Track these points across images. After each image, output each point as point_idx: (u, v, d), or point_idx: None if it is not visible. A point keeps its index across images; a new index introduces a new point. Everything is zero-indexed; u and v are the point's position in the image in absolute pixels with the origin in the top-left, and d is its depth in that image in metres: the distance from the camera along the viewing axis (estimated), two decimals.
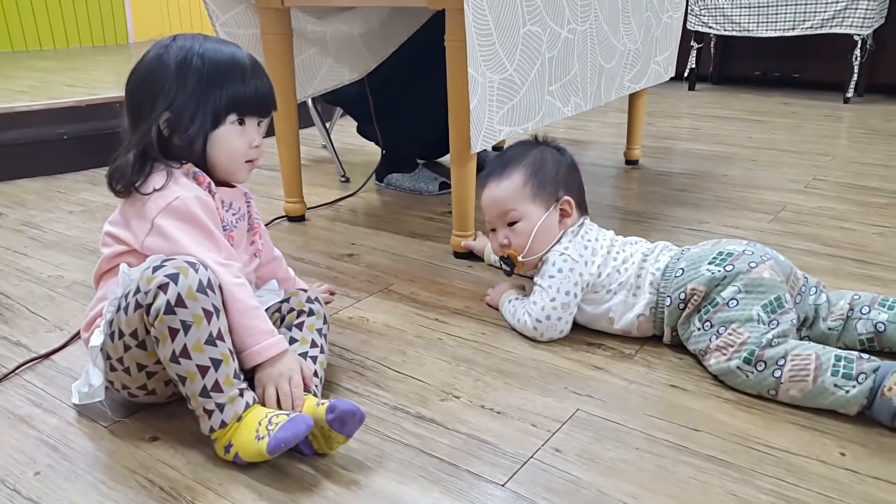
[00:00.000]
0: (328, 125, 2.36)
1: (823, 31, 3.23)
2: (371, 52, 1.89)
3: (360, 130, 2.19)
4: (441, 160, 2.30)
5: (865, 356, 0.92)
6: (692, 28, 3.58)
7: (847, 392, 0.90)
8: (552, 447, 0.87)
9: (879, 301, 1.06)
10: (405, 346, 1.13)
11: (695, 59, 3.72)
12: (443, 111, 1.39)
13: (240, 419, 0.83)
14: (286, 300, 1.03)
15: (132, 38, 4.80)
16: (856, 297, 1.07)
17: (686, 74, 3.74)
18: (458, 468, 0.84)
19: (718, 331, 1.00)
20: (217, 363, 0.83)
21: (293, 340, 0.98)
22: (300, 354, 0.96)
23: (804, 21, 3.26)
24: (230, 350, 0.85)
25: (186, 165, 0.94)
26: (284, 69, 1.59)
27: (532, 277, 1.19)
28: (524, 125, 1.50)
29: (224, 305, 0.86)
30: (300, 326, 1.00)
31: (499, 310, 1.22)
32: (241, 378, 0.86)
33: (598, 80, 1.77)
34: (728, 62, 3.88)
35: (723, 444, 0.87)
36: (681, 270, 1.07)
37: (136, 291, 0.83)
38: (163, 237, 0.89)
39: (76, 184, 2.15)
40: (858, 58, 3.24)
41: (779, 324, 0.98)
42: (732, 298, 1.01)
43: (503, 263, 1.22)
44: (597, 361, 1.07)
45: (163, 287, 0.81)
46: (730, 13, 3.43)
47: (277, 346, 0.89)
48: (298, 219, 1.75)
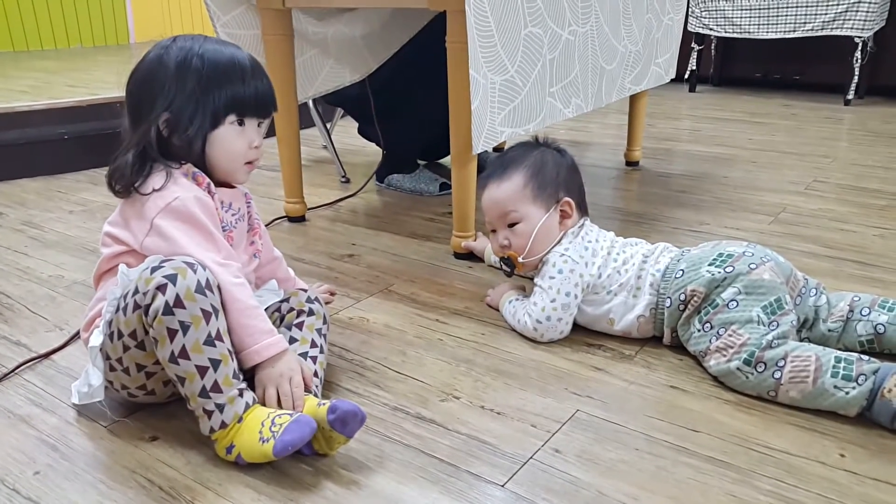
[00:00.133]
0: (329, 126, 2.36)
1: (824, 34, 3.23)
2: (372, 54, 1.89)
3: (361, 131, 2.19)
4: (442, 161, 2.30)
5: (865, 358, 0.92)
6: (693, 30, 3.58)
7: (847, 393, 0.90)
8: (552, 448, 0.87)
9: (879, 303, 1.06)
10: (405, 347, 1.13)
11: (695, 61, 3.73)
12: (444, 112, 1.39)
13: (241, 420, 0.83)
14: (286, 300, 1.03)
15: (133, 39, 4.81)
16: (856, 299, 1.07)
17: (687, 76, 3.75)
18: (458, 469, 0.84)
19: (718, 332, 1.00)
20: (216, 364, 0.83)
21: (293, 340, 0.98)
22: (300, 354, 0.96)
23: (805, 23, 3.26)
24: (229, 350, 0.85)
25: (186, 166, 0.94)
26: (285, 70, 1.59)
27: (532, 278, 1.19)
28: (525, 126, 1.50)
29: (223, 305, 0.86)
30: (300, 326, 1.00)
31: (499, 310, 1.22)
32: (241, 378, 0.86)
33: (599, 82, 1.77)
34: (729, 64, 3.88)
35: (722, 445, 0.87)
36: (681, 272, 1.07)
37: (135, 292, 0.83)
38: (162, 237, 0.89)
39: (77, 184, 2.15)
40: (859, 60, 3.24)
41: (779, 325, 0.98)
42: (732, 300, 1.01)
43: (503, 264, 1.22)
44: (597, 362, 1.07)
45: (161, 288, 0.81)
46: (731, 15, 3.44)
47: (277, 346, 0.89)
48: (299, 219, 1.75)
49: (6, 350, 1.13)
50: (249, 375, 0.89)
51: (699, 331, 1.03)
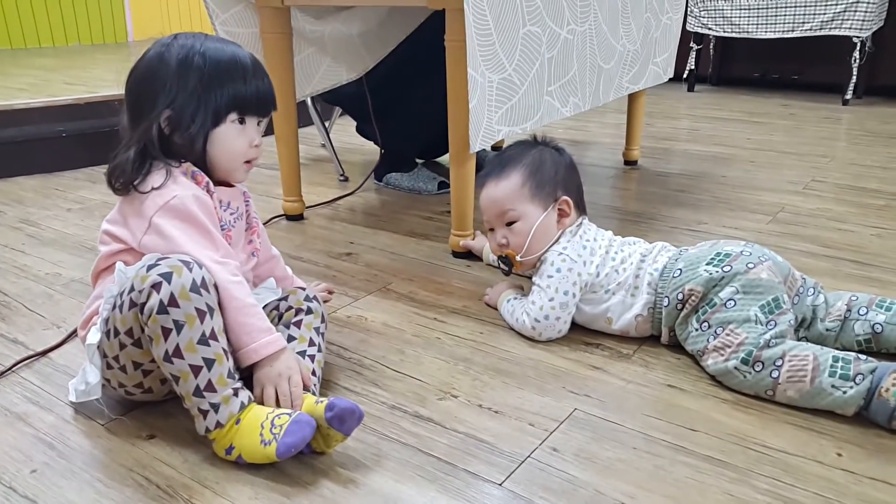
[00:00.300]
0: (327, 124, 2.35)
1: (822, 33, 3.24)
2: (369, 52, 1.89)
3: (359, 130, 2.19)
4: (440, 160, 2.30)
5: (863, 357, 0.92)
6: (691, 29, 3.58)
7: (844, 393, 0.90)
8: (550, 446, 0.87)
9: (877, 302, 1.06)
10: (403, 345, 1.13)
11: (694, 61, 3.73)
12: (442, 111, 1.39)
13: (238, 421, 0.83)
14: (284, 298, 1.03)
15: (131, 37, 4.80)
16: (853, 298, 1.08)
17: (685, 75, 3.75)
18: (456, 467, 0.84)
19: (716, 331, 1.00)
20: (210, 363, 0.82)
21: (291, 339, 0.98)
22: (298, 353, 0.96)
23: (803, 23, 3.26)
24: (224, 349, 0.84)
25: (185, 164, 0.94)
26: (284, 68, 1.59)
27: (530, 277, 1.19)
28: (523, 125, 1.50)
29: (220, 304, 0.86)
30: (298, 325, 1.00)
31: (497, 309, 1.22)
32: (236, 377, 0.85)
33: (597, 81, 1.77)
34: (727, 63, 3.88)
35: (720, 444, 0.87)
36: (679, 271, 1.07)
37: (131, 290, 0.83)
38: (160, 236, 0.88)
39: (74, 181, 2.15)
40: (857, 60, 3.25)
41: (776, 324, 0.98)
42: (730, 299, 1.01)
43: (501, 263, 1.22)
44: (595, 361, 1.07)
45: (156, 286, 0.81)
46: (729, 15, 3.44)
47: (275, 344, 0.89)
48: (297, 217, 1.75)
49: (3, 348, 1.13)
50: (247, 374, 0.89)
51: (697, 330, 1.03)
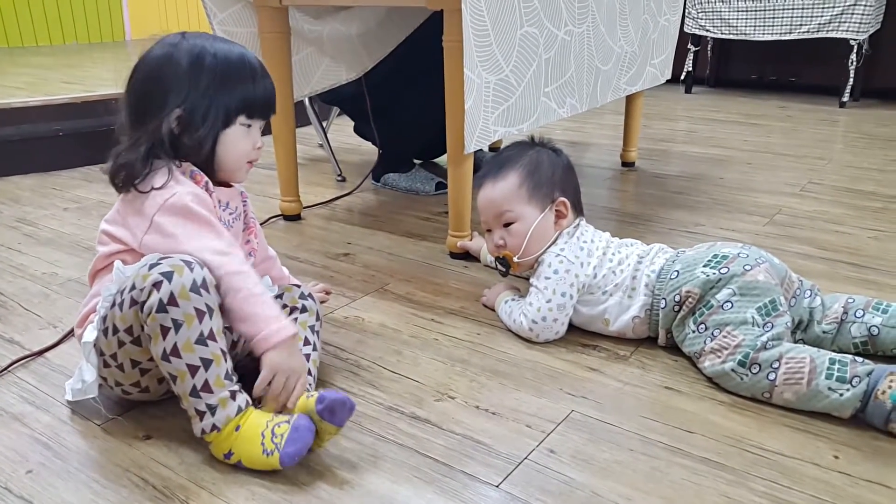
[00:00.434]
0: (325, 124, 2.35)
1: (820, 36, 3.24)
2: (368, 52, 1.89)
3: (357, 130, 2.18)
4: (438, 160, 2.30)
5: (859, 359, 0.92)
6: (689, 31, 3.59)
7: (841, 395, 0.90)
8: (547, 448, 0.87)
9: (874, 304, 1.06)
10: (401, 346, 1.12)
11: (691, 62, 3.73)
12: (440, 111, 1.39)
13: (238, 428, 0.82)
14: (279, 296, 1.03)
15: (129, 36, 4.80)
16: (850, 301, 1.08)
17: (683, 77, 3.75)
18: (453, 469, 0.84)
19: (713, 333, 1.00)
20: (207, 363, 0.82)
21: None
22: None
23: (801, 25, 3.27)
24: (223, 350, 0.84)
25: (185, 165, 0.93)
26: (282, 68, 1.59)
27: (528, 278, 1.19)
28: (519, 126, 1.50)
29: (228, 294, 0.85)
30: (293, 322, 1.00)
31: (495, 310, 1.22)
32: (234, 379, 0.85)
33: (595, 82, 1.77)
34: (725, 65, 3.88)
35: (717, 447, 0.87)
36: (676, 273, 1.07)
37: (132, 288, 0.83)
38: (162, 234, 0.88)
39: (71, 180, 2.14)
40: (854, 62, 3.25)
41: (773, 327, 0.98)
42: (727, 301, 1.01)
43: (499, 264, 1.22)
44: (592, 363, 1.07)
45: (157, 285, 0.81)
46: (727, 17, 3.44)
47: (285, 330, 0.86)
48: (294, 218, 1.75)
49: None
50: (245, 372, 0.89)
51: (694, 332, 1.03)
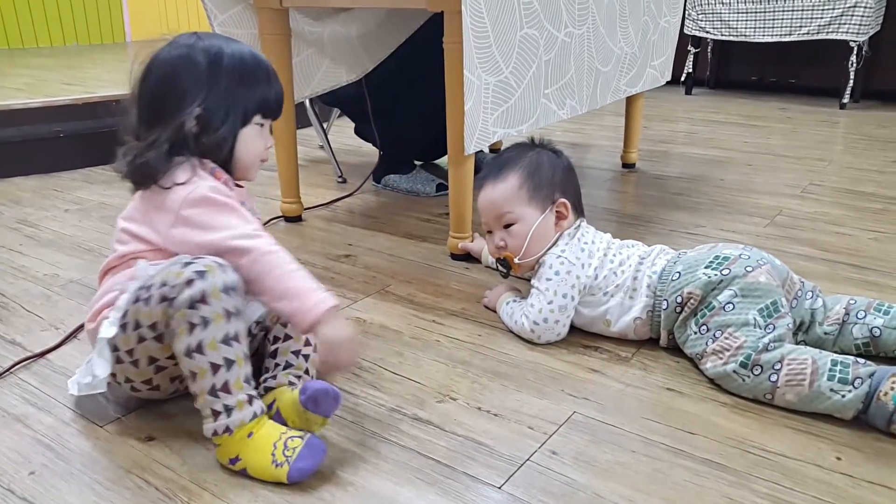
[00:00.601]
0: (325, 126, 2.35)
1: (820, 37, 3.24)
2: (368, 54, 1.89)
3: (358, 131, 2.18)
4: (438, 162, 2.30)
5: (861, 361, 0.92)
6: (689, 33, 3.59)
7: (843, 396, 0.90)
8: (549, 450, 0.87)
9: (875, 306, 1.06)
10: (402, 348, 1.12)
11: (692, 64, 3.73)
12: (440, 113, 1.39)
13: (251, 434, 0.82)
14: None
15: (129, 37, 4.79)
16: (851, 302, 1.08)
17: (683, 79, 3.75)
18: (455, 470, 0.84)
19: (715, 334, 1.00)
20: (230, 363, 0.83)
21: (288, 337, 0.98)
22: (293, 352, 0.97)
23: (801, 27, 3.27)
24: (244, 354, 0.84)
25: (206, 162, 0.95)
26: (283, 70, 1.59)
27: (529, 279, 1.19)
28: (519, 127, 1.50)
29: (263, 276, 0.86)
30: None
31: (496, 312, 1.22)
32: (252, 384, 0.86)
33: (594, 84, 1.77)
34: (725, 67, 3.89)
35: (719, 448, 0.87)
36: (677, 274, 1.07)
37: (162, 284, 0.83)
38: (190, 226, 0.89)
39: (72, 182, 2.14)
40: (854, 64, 3.25)
41: (775, 328, 0.98)
42: (729, 302, 1.01)
43: (499, 265, 1.22)
44: (593, 364, 1.07)
45: (190, 282, 0.81)
46: (727, 18, 3.45)
47: (325, 303, 0.86)
48: (295, 219, 1.75)
49: (1, 349, 1.12)
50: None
51: (696, 333, 1.03)
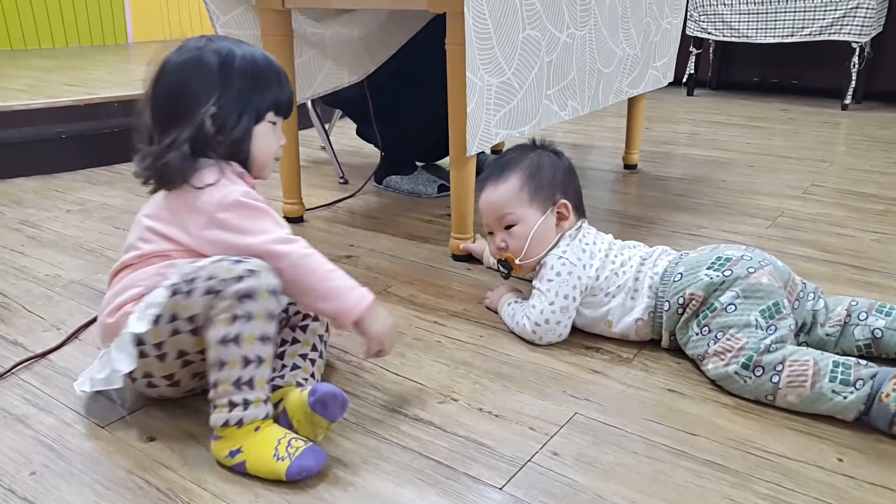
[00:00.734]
0: (327, 127, 2.36)
1: (822, 39, 3.24)
2: (370, 55, 1.89)
3: (360, 132, 2.19)
4: (440, 163, 2.30)
5: (863, 362, 0.92)
6: (691, 34, 3.59)
7: (845, 398, 0.90)
8: (550, 451, 0.87)
9: (877, 307, 1.06)
10: (404, 349, 1.12)
11: (693, 65, 3.73)
12: (442, 114, 1.39)
13: (258, 429, 0.83)
14: (293, 303, 1.04)
15: (132, 38, 4.80)
16: (853, 303, 1.08)
17: (685, 80, 3.75)
18: (456, 471, 0.84)
19: (716, 336, 1.00)
20: (260, 361, 0.84)
21: (296, 341, 0.99)
22: (300, 356, 0.97)
23: (803, 28, 3.27)
24: (271, 356, 0.86)
25: (234, 165, 0.96)
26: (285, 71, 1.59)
27: (530, 280, 1.19)
28: (521, 129, 1.50)
29: (304, 278, 0.89)
30: (304, 329, 1.01)
31: (497, 313, 1.22)
32: (269, 388, 0.87)
33: (596, 85, 1.77)
34: (727, 68, 3.89)
35: (720, 449, 0.87)
36: (679, 275, 1.07)
37: (210, 278, 0.83)
38: (225, 229, 0.90)
39: (74, 183, 2.14)
40: (856, 65, 3.25)
41: (777, 329, 0.98)
42: (731, 303, 1.01)
43: (500, 266, 1.22)
44: (595, 365, 1.07)
45: (241, 278, 0.83)
46: (729, 19, 3.44)
47: (365, 299, 0.91)
48: (297, 220, 1.75)
49: (3, 350, 1.12)
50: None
51: (697, 334, 1.03)
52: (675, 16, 2.09)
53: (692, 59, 3.72)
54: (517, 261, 1.17)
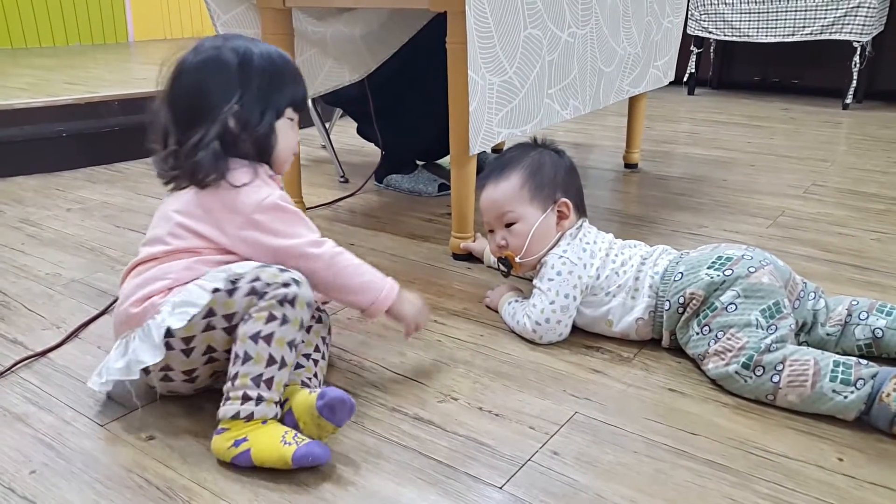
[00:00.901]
0: (328, 125, 2.35)
1: (823, 38, 3.24)
2: (371, 54, 1.89)
3: (360, 131, 2.18)
4: (441, 161, 2.30)
5: (864, 362, 0.92)
6: (692, 33, 3.58)
7: (845, 397, 0.90)
8: (550, 450, 0.87)
9: (877, 307, 1.06)
10: (404, 348, 1.12)
11: (694, 64, 3.73)
12: (443, 113, 1.39)
13: (265, 422, 0.84)
14: None
15: (132, 37, 4.80)
16: (854, 303, 1.08)
17: (686, 79, 3.75)
18: (456, 470, 0.84)
19: (717, 335, 1.00)
20: (283, 364, 0.86)
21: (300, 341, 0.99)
22: (304, 355, 0.98)
23: (804, 27, 3.27)
24: (293, 364, 0.88)
25: (265, 167, 0.98)
26: None
27: (530, 279, 1.19)
28: (522, 127, 1.50)
29: (339, 276, 0.95)
30: (308, 330, 1.01)
31: (498, 312, 1.22)
32: (282, 393, 0.88)
33: (598, 84, 1.77)
34: (727, 67, 3.88)
35: (721, 449, 0.87)
36: (680, 274, 1.07)
37: (255, 279, 0.86)
38: (261, 230, 0.92)
39: (74, 181, 2.14)
40: (857, 64, 3.25)
41: (777, 329, 0.98)
42: (731, 303, 1.01)
43: (500, 264, 1.22)
44: (595, 364, 1.07)
45: (287, 284, 0.87)
46: (730, 18, 3.44)
47: (392, 289, 0.98)
48: None
49: (2, 348, 1.12)
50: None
51: (698, 334, 1.03)
52: (676, 15, 2.09)
53: (693, 59, 3.71)
54: (517, 259, 1.17)
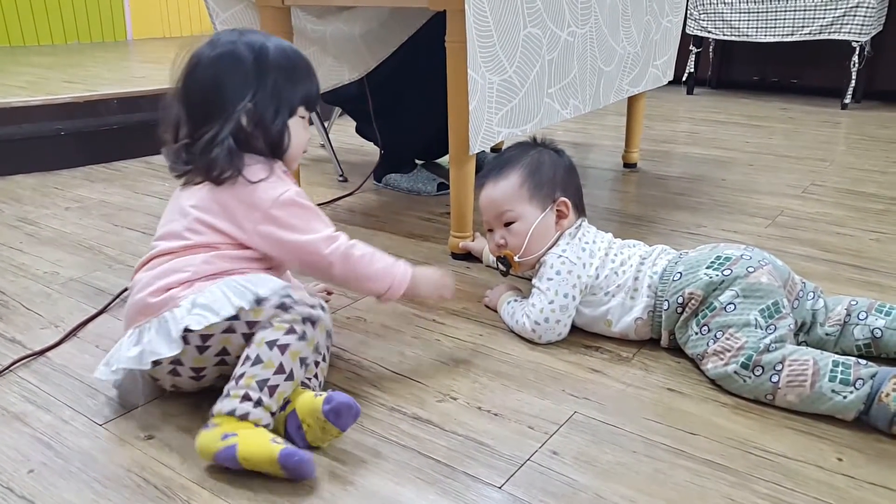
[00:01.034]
0: (327, 125, 2.35)
1: (822, 38, 3.24)
2: (371, 52, 1.89)
3: (359, 130, 2.18)
4: (440, 161, 2.30)
5: (863, 362, 0.92)
6: (691, 32, 3.58)
7: (844, 397, 0.90)
8: (549, 450, 0.87)
9: (877, 307, 1.06)
10: (403, 347, 1.12)
11: (693, 64, 3.73)
12: (442, 112, 1.39)
13: (257, 424, 0.83)
14: None
15: (131, 35, 4.79)
16: (853, 303, 1.08)
17: (685, 78, 3.75)
18: (455, 470, 0.83)
19: (716, 335, 1.00)
20: (291, 376, 0.86)
21: None
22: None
23: (803, 27, 3.27)
24: (299, 382, 0.89)
25: (279, 163, 0.98)
26: None
27: (529, 278, 1.19)
28: (522, 127, 1.50)
29: (356, 267, 0.97)
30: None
31: (497, 311, 1.22)
32: (281, 405, 0.87)
33: (597, 83, 1.77)
34: (726, 67, 3.88)
35: (720, 449, 0.87)
36: (679, 274, 1.07)
37: (286, 296, 0.88)
38: (278, 225, 0.94)
39: (72, 180, 2.14)
40: (856, 64, 3.25)
41: (776, 329, 0.98)
42: (730, 303, 1.01)
43: (499, 264, 1.22)
44: (594, 364, 1.07)
45: (313, 307, 0.89)
46: (729, 18, 3.44)
47: (406, 272, 1.01)
48: None
49: (1, 347, 1.12)
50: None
51: (697, 334, 1.03)
52: (676, 14, 2.09)
53: (692, 58, 3.71)
54: (516, 258, 1.17)
